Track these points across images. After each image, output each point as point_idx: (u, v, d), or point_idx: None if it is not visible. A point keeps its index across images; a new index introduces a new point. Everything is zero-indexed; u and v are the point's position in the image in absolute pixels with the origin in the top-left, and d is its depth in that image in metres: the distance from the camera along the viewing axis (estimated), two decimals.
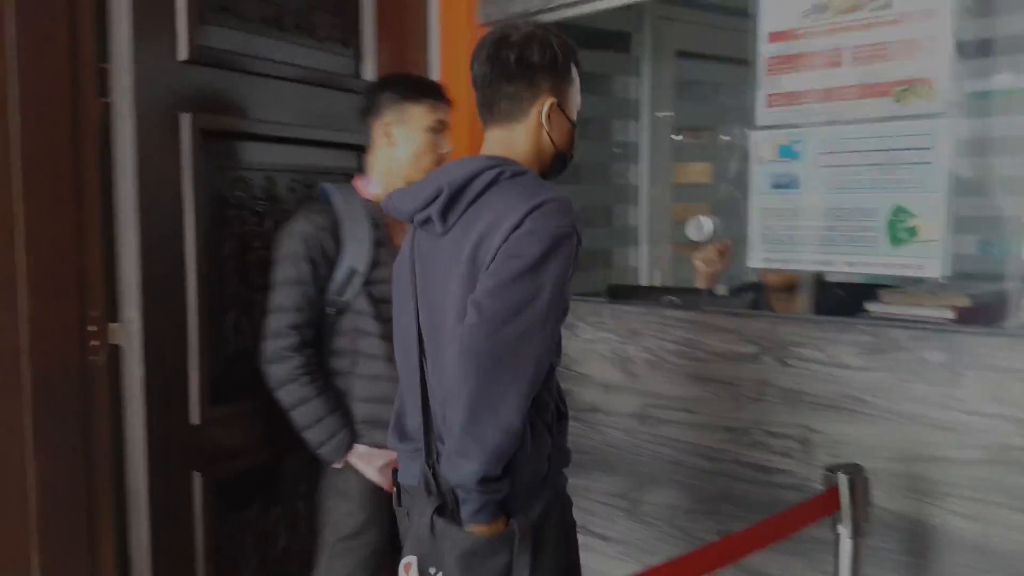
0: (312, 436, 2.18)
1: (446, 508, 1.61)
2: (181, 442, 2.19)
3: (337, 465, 2.22)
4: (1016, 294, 2.11)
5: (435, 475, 1.63)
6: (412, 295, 1.72)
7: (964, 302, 2.10)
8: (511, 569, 1.59)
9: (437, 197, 1.62)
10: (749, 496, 2.19)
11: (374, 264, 2.19)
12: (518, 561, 1.59)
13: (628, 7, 3.63)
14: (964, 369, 1.83)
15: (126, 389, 2.11)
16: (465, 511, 1.57)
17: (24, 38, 1.95)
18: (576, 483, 2.54)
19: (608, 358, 2.50)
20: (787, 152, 2.23)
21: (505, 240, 1.53)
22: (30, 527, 1.95)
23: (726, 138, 5.01)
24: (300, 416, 2.17)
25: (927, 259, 1.97)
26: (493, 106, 1.69)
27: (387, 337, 2.11)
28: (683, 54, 3.88)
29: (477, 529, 1.57)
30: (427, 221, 1.66)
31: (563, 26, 2.75)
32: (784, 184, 2.23)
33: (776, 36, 2.24)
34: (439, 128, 2.26)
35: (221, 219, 2.30)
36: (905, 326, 1.97)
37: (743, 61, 4.18)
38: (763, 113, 2.27)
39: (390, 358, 2.06)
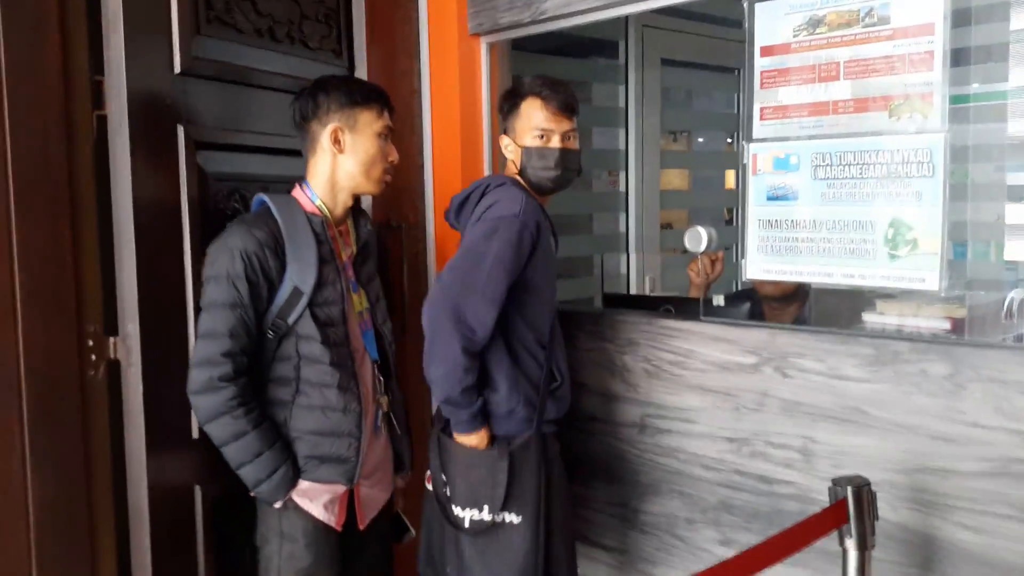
0: (249, 474, 1.99)
1: (448, 428, 2.19)
2: (182, 456, 2.16)
3: (277, 505, 2.04)
4: (1009, 305, 2.14)
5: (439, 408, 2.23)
6: None
7: (960, 313, 2.13)
8: (492, 481, 2.13)
9: (452, 207, 2.31)
10: (750, 506, 2.21)
11: (320, 284, 2.02)
12: (496, 476, 2.13)
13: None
14: (966, 381, 1.85)
15: (126, 404, 2.09)
16: (452, 426, 2.16)
17: (14, 51, 1.92)
18: (575, 492, 2.56)
19: (606, 368, 2.50)
20: (782, 164, 2.24)
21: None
22: (30, 545, 1.92)
23: (700, 140, 5.06)
24: (235, 452, 1.98)
25: (927, 271, 1.99)
26: None
27: (338, 364, 2.03)
28: (668, 62, 3.91)
29: (463, 439, 2.16)
30: (454, 224, 2.33)
31: (552, 35, 2.79)
32: (780, 196, 2.24)
33: (768, 50, 2.25)
34: (387, 135, 2.12)
35: (217, 231, 2.28)
36: (906, 338, 1.99)
37: (728, 69, 4.22)
38: (758, 125, 2.28)
39: (341, 387, 2.04)
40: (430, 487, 2.27)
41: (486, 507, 2.15)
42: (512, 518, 2.15)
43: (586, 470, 2.56)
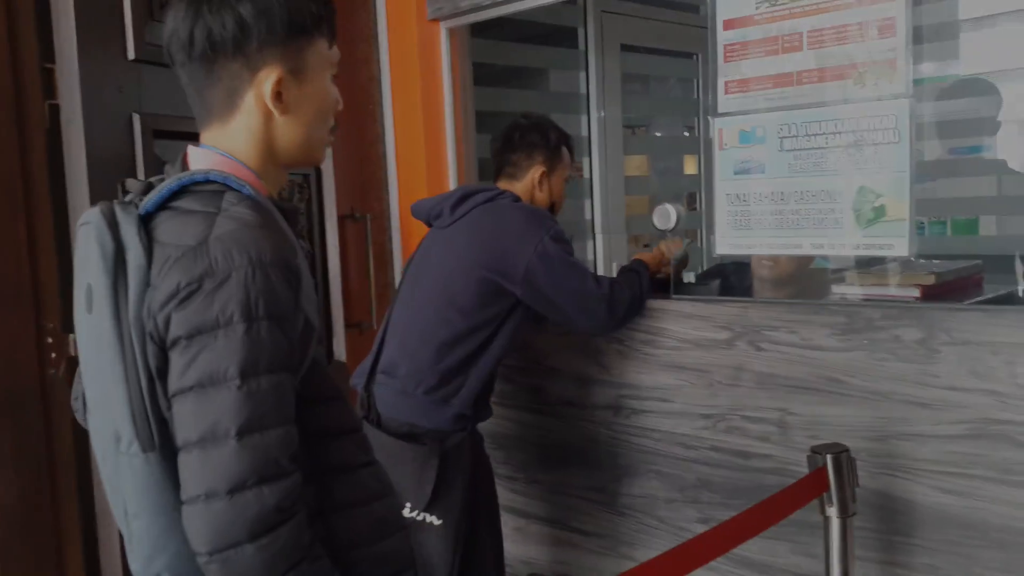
0: None
1: (372, 417, 2.15)
2: None
3: None
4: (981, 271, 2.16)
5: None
6: None
7: (929, 280, 2.14)
8: (419, 479, 2.04)
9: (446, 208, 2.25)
10: (729, 482, 2.20)
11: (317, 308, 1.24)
12: (425, 474, 2.04)
13: (572, 2, 3.66)
14: (939, 345, 1.86)
15: None
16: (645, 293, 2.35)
17: None
18: (552, 479, 2.54)
19: (578, 351, 2.48)
20: (748, 137, 2.24)
21: None
22: None
23: (658, 135, 5.06)
24: None
25: (896, 238, 2.00)
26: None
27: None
28: (628, 48, 3.91)
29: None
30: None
31: (511, 22, 2.76)
32: (747, 170, 2.24)
33: (731, 23, 2.24)
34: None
35: None
36: (878, 305, 1.99)
37: (686, 54, 4.23)
38: (722, 100, 2.27)
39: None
40: None
41: (408, 504, 2.05)
42: (433, 520, 2.07)
43: (561, 455, 2.54)
